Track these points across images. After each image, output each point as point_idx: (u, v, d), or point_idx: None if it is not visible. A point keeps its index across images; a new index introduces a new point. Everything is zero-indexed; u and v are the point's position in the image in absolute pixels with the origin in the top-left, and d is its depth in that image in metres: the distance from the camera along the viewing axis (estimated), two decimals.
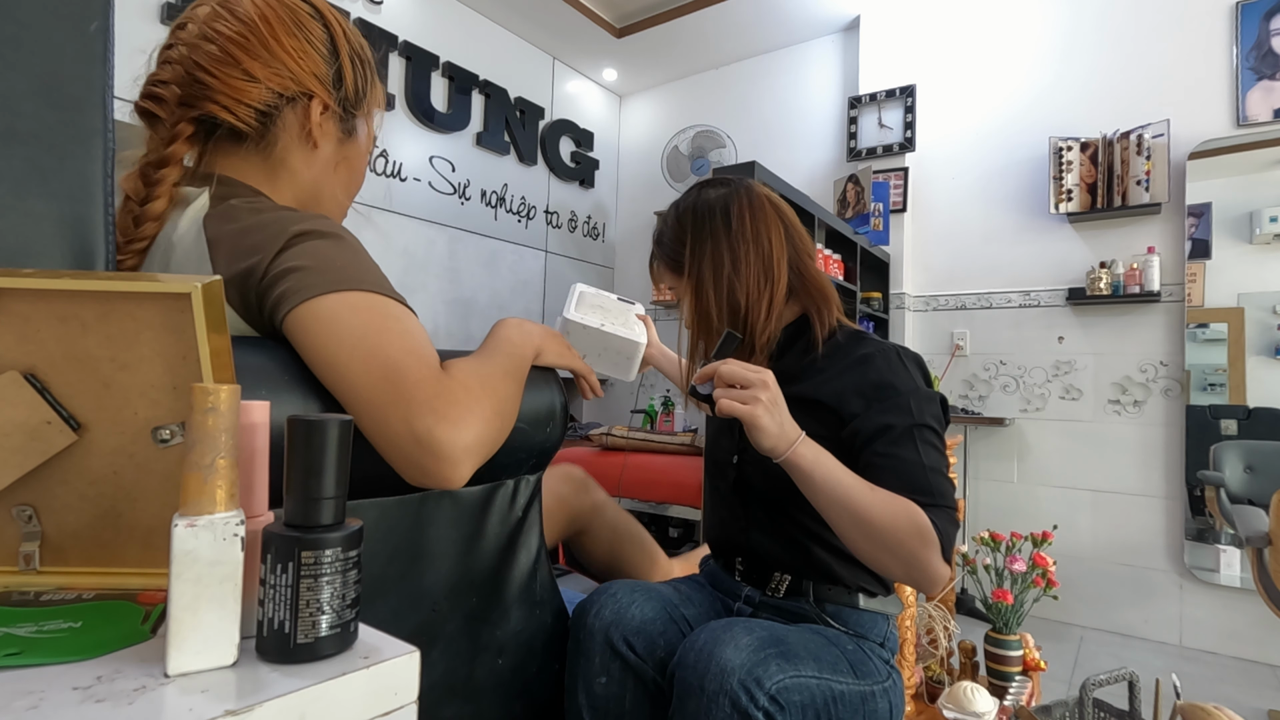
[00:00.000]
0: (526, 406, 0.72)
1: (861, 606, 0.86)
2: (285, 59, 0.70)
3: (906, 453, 0.78)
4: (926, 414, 0.80)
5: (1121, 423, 2.65)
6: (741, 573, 0.93)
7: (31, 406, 0.41)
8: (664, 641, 0.80)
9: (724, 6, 3.30)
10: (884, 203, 3.05)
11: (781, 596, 0.88)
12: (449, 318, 3.25)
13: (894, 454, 0.78)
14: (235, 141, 0.70)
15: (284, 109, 0.70)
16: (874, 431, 0.80)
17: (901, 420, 0.79)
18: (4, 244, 0.47)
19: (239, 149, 0.70)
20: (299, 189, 0.74)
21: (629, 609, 0.80)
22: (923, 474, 0.77)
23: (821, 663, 0.74)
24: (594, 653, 0.78)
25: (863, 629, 0.86)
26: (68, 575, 0.44)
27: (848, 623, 0.86)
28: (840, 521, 0.74)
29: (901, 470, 0.77)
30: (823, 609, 0.86)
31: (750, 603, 0.91)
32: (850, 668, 0.77)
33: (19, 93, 0.48)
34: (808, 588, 0.87)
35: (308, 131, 0.72)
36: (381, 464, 0.54)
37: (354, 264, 0.60)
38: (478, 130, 3.39)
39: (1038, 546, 1.69)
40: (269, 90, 0.69)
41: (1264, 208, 2.42)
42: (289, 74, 0.70)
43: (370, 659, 0.36)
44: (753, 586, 0.92)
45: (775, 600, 0.89)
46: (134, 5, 2.23)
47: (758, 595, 0.91)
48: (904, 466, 0.77)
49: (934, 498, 0.76)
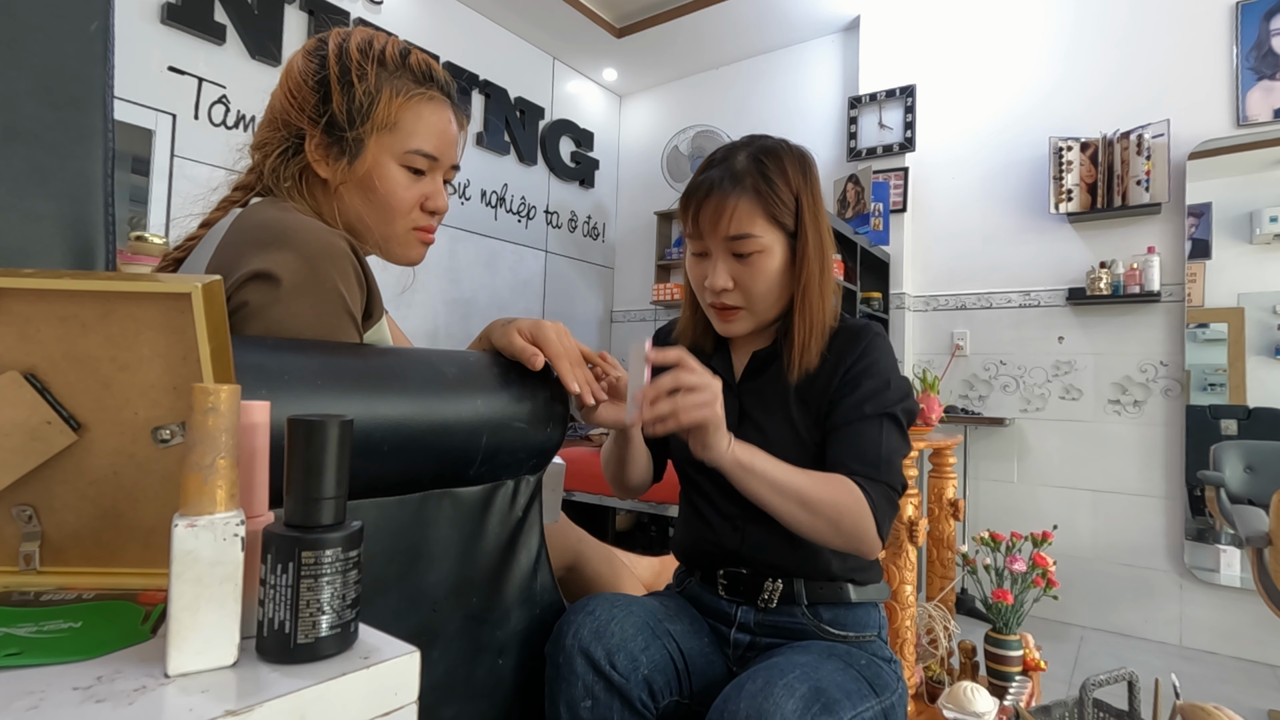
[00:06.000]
0: (527, 406, 0.72)
1: (853, 600, 0.86)
2: (278, 110, 0.78)
3: (869, 430, 0.82)
4: (898, 402, 0.83)
5: (1121, 423, 2.65)
6: (726, 586, 0.89)
7: (31, 406, 0.41)
8: (646, 659, 0.77)
9: (724, 6, 3.30)
10: (884, 203, 3.05)
11: (774, 608, 0.85)
12: (449, 318, 3.25)
13: (857, 429, 0.82)
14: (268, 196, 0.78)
15: (287, 159, 0.77)
16: (847, 407, 0.83)
17: (874, 405, 0.82)
18: (4, 244, 0.47)
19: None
20: (340, 222, 0.79)
21: (608, 625, 0.76)
22: (876, 450, 0.81)
23: (852, 696, 0.73)
24: (576, 675, 0.74)
25: (859, 626, 0.86)
26: (68, 575, 0.44)
27: (845, 625, 0.85)
28: (783, 507, 0.76)
29: (857, 443, 0.81)
30: (818, 615, 0.85)
31: (745, 629, 0.87)
32: (870, 687, 0.76)
33: (19, 92, 0.48)
34: (800, 591, 0.85)
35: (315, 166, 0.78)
36: (381, 464, 0.54)
37: (290, 316, 0.63)
38: (478, 130, 3.39)
39: (1038, 546, 1.69)
40: (272, 148, 0.77)
41: (1264, 208, 2.42)
42: (280, 123, 0.78)
43: (370, 659, 0.36)
44: (743, 603, 0.87)
45: (770, 617, 0.86)
46: (134, 5, 2.23)
47: (752, 616, 0.86)
48: (861, 441, 0.81)
49: (878, 473, 0.80)
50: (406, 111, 0.78)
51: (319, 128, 0.76)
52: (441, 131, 0.81)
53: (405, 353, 0.68)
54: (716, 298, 0.87)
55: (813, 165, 0.88)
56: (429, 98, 0.80)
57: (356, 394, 0.58)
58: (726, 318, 0.88)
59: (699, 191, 0.86)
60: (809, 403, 0.87)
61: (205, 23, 2.38)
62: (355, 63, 0.76)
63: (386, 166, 0.78)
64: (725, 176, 0.84)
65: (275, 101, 0.80)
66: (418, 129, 0.79)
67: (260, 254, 0.64)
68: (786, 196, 0.84)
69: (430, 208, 0.83)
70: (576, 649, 0.74)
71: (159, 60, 2.29)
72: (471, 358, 0.71)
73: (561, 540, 1.06)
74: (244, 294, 0.62)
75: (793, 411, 0.87)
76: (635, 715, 0.75)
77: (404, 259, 0.85)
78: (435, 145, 0.80)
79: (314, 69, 0.77)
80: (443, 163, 0.82)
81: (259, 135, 0.81)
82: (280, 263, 0.63)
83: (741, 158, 0.85)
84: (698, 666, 0.82)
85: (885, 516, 0.79)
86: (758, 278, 0.84)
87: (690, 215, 0.87)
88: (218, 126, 2.44)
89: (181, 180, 2.32)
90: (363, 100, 0.76)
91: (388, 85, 0.77)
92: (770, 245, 0.84)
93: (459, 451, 0.66)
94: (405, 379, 0.62)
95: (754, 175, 0.83)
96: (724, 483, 0.89)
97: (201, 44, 2.39)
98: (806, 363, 0.86)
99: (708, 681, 0.83)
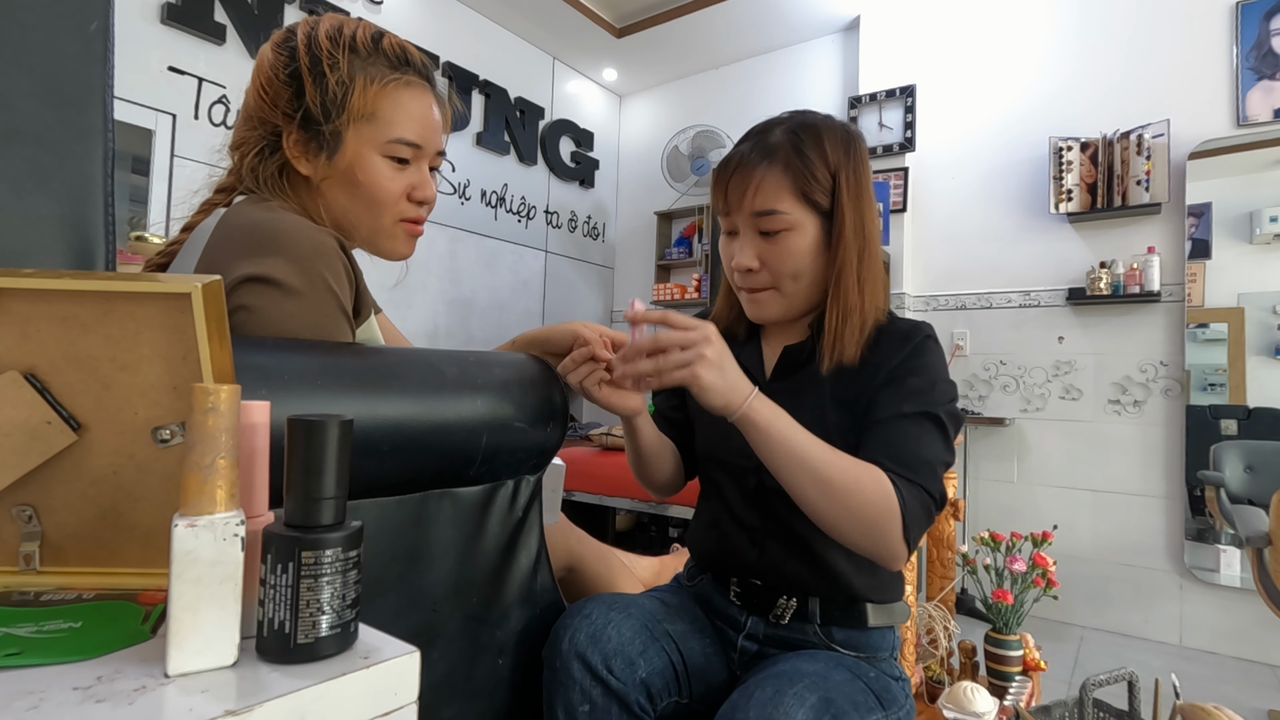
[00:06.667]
0: (527, 406, 0.72)
1: (870, 625, 0.82)
2: (252, 107, 0.76)
3: (910, 429, 0.75)
4: (944, 405, 0.77)
5: (1121, 423, 2.65)
6: (739, 594, 0.86)
7: (31, 406, 0.41)
8: (644, 662, 0.75)
9: (724, 6, 3.30)
10: (884, 203, 3.04)
11: (786, 624, 0.82)
12: (449, 318, 3.25)
13: (896, 427, 0.75)
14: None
15: (265, 157, 0.75)
16: (887, 404, 0.76)
17: (917, 404, 0.76)
18: (4, 244, 0.47)
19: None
20: (326, 219, 0.77)
21: (605, 629, 0.75)
22: (914, 451, 0.73)
23: (860, 708, 0.71)
24: (573, 680, 0.73)
25: (871, 649, 0.83)
26: (68, 575, 0.44)
27: (858, 647, 0.82)
28: (799, 481, 0.70)
29: (894, 441, 0.74)
30: (830, 635, 0.82)
31: (754, 638, 0.84)
32: (878, 701, 0.75)
33: (19, 93, 0.48)
34: (814, 611, 0.81)
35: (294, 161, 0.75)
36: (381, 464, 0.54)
37: (287, 318, 0.63)
38: (478, 130, 3.39)
39: (1038, 546, 1.69)
40: (250, 148, 0.75)
41: (1264, 208, 2.42)
42: (255, 120, 0.75)
43: (370, 659, 0.36)
44: (754, 614, 0.85)
45: (780, 631, 0.83)
46: (134, 5, 2.23)
47: (761, 628, 0.84)
48: (901, 439, 0.74)
49: (915, 475, 0.72)
50: (384, 99, 0.74)
51: (295, 123, 0.73)
52: (423, 117, 0.77)
53: (405, 353, 0.68)
54: (743, 278, 0.83)
55: (859, 144, 0.82)
56: (406, 83, 0.76)
57: (356, 394, 0.58)
58: (755, 300, 0.84)
59: (730, 164, 0.82)
60: (846, 406, 0.80)
61: (205, 23, 2.39)
62: (326, 52, 0.72)
63: (368, 158, 0.75)
64: (757, 149, 0.80)
65: (248, 98, 0.76)
66: (397, 117, 0.75)
67: (250, 257, 0.63)
68: (822, 174, 0.79)
69: (418, 198, 0.79)
70: (573, 654, 0.73)
71: (159, 60, 2.29)
72: (471, 358, 0.71)
73: (560, 541, 1.06)
74: (237, 299, 0.62)
75: (828, 415, 0.80)
76: (633, 719, 0.74)
77: (393, 253, 0.82)
78: (417, 132, 0.76)
79: (284, 62, 0.73)
80: (427, 150, 0.78)
81: (236, 134, 0.78)
82: (272, 266, 0.63)
83: (778, 132, 0.81)
84: (697, 667, 0.82)
85: (916, 522, 0.71)
86: (785, 257, 0.79)
87: (720, 190, 0.83)
88: (218, 126, 2.44)
89: (181, 180, 2.32)
90: (336, 91, 0.72)
91: (361, 73, 0.73)
92: (799, 223, 0.79)
93: (459, 451, 0.66)
94: (405, 379, 0.62)
95: (787, 150, 0.79)
96: (746, 490, 0.86)
97: (201, 44, 2.39)
98: (840, 354, 0.80)
99: (708, 683, 0.82)
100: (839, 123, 0.83)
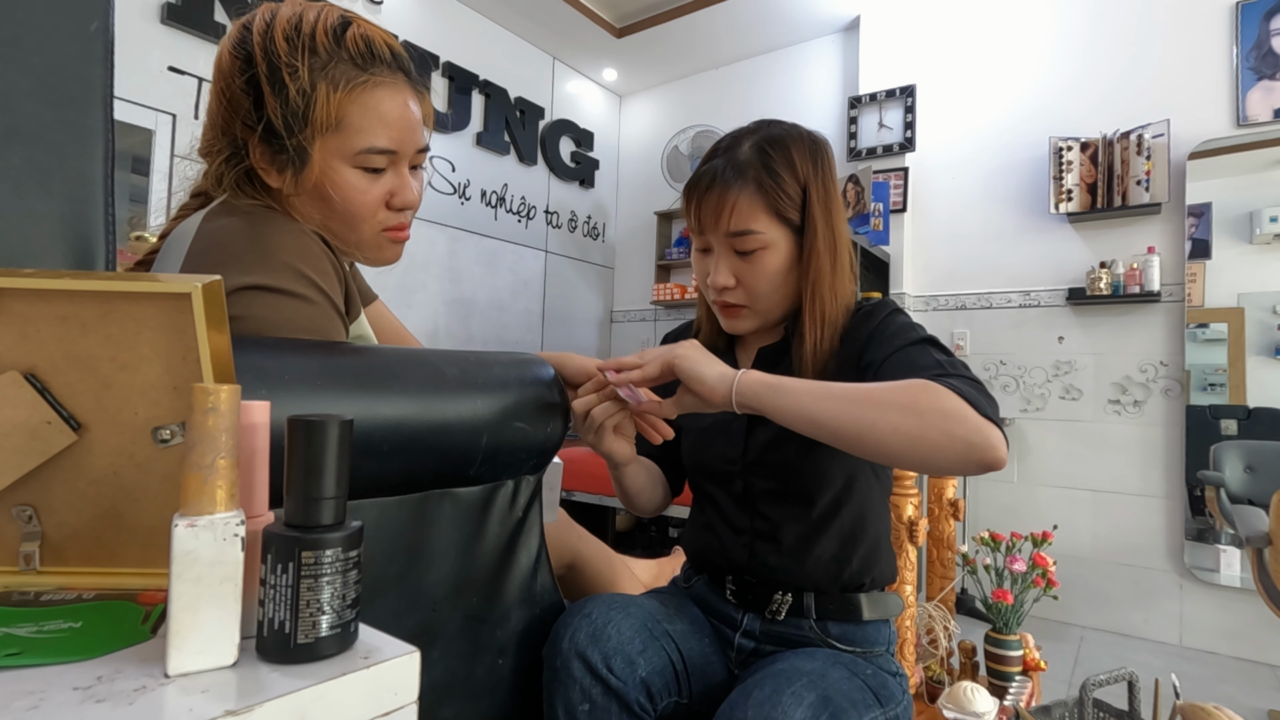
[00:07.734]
0: (527, 406, 0.72)
1: (865, 618, 0.83)
2: (214, 113, 0.70)
3: (913, 351, 0.74)
4: (929, 336, 0.77)
5: (1121, 423, 2.65)
6: (734, 593, 0.87)
7: (31, 406, 0.41)
8: (644, 661, 0.76)
9: (724, 6, 3.30)
10: (884, 203, 3.04)
11: (782, 620, 0.84)
12: (449, 318, 3.25)
13: (899, 356, 0.74)
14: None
15: (234, 165, 0.71)
16: (878, 351, 0.77)
17: (907, 338, 0.76)
18: (4, 244, 0.47)
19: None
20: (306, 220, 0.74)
21: (605, 629, 0.75)
22: (930, 359, 0.71)
23: (858, 706, 0.72)
24: (573, 679, 0.73)
25: (868, 643, 0.83)
26: (68, 575, 0.44)
27: (854, 641, 0.83)
28: (839, 414, 0.66)
29: (905, 363, 0.72)
30: (826, 630, 0.83)
31: (751, 635, 0.85)
32: (876, 697, 0.75)
33: (19, 93, 0.48)
34: (809, 605, 0.83)
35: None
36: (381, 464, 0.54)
37: (285, 322, 0.62)
38: (478, 130, 3.39)
39: (1038, 546, 1.69)
40: (217, 156, 0.71)
41: (1264, 208, 2.42)
42: (220, 128, 0.71)
43: (370, 659, 0.36)
44: (750, 611, 0.86)
45: (776, 628, 0.84)
46: (134, 5, 2.23)
47: (758, 625, 0.85)
48: (910, 360, 0.73)
49: (942, 370, 0.69)
50: (351, 105, 0.67)
51: (256, 135, 0.68)
52: (396, 119, 0.70)
53: (405, 353, 0.68)
54: (719, 295, 0.84)
55: (825, 153, 0.83)
56: (375, 84, 0.68)
57: (356, 394, 0.58)
58: (730, 315, 0.86)
59: (701, 183, 0.82)
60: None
61: (205, 23, 2.38)
62: (284, 59, 0.65)
63: (338, 172, 0.69)
64: (728, 167, 0.80)
65: (210, 103, 0.70)
66: (366, 123, 0.68)
67: (238, 265, 0.62)
68: (793, 189, 0.80)
69: (397, 204, 0.73)
70: (573, 653, 0.74)
71: (159, 60, 2.29)
72: (471, 358, 0.71)
73: (561, 539, 1.06)
74: (230, 310, 0.61)
75: None
76: (633, 718, 0.74)
77: (378, 261, 0.78)
78: (391, 137, 0.70)
79: (240, 67, 0.67)
80: (404, 152, 0.72)
81: (204, 138, 0.73)
82: (261, 274, 0.62)
83: (746, 147, 0.81)
84: (697, 667, 0.82)
85: (980, 397, 0.65)
86: (761, 276, 0.81)
87: (692, 208, 0.83)
88: None
89: (181, 180, 2.32)
90: (298, 102, 0.66)
91: (324, 79, 0.66)
92: (774, 241, 0.80)
93: (459, 451, 0.66)
94: (405, 379, 0.62)
95: (757, 168, 0.79)
96: (736, 494, 0.88)
97: (201, 44, 2.39)
98: (819, 360, 0.81)
99: (708, 682, 0.82)
100: (805, 132, 0.84)
